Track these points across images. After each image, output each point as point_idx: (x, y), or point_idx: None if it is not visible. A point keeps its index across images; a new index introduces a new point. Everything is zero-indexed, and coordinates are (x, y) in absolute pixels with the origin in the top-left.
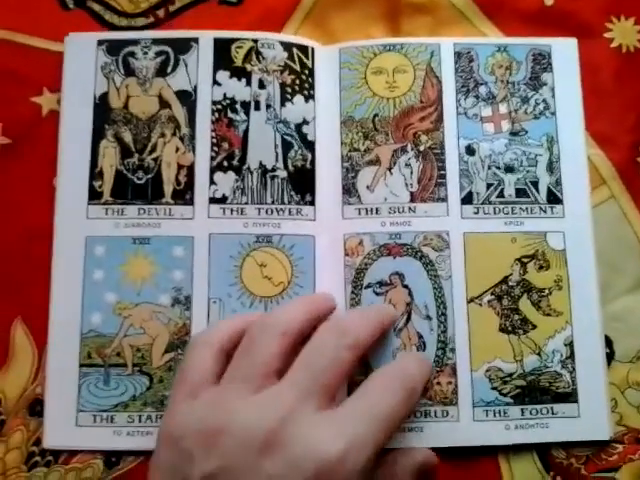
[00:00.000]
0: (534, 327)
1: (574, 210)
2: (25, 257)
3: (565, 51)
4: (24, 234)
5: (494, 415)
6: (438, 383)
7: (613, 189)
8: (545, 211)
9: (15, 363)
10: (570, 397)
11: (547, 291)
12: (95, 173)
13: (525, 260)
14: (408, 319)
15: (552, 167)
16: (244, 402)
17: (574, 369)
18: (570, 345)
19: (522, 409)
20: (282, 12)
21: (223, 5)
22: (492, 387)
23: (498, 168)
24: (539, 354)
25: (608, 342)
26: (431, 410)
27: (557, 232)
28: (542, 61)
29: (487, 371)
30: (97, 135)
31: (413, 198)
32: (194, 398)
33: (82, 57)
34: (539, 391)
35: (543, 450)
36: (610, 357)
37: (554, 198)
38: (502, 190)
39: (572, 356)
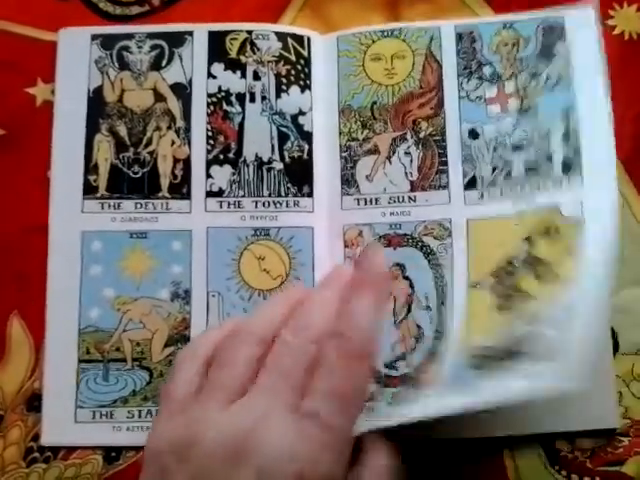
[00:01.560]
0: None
1: (595, 179)
2: (21, 250)
3: (581, 19)
4: (20, 227)
5: None
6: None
7: (617, 180)
8: (561, 183)
9: (12, 358)
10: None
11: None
12: (90, 167)
13: (534, 238)
14: (408, 311)
15: (569, 138)
16: (217, 414)
17: None
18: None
19: None
20: (279, 2)
21: None
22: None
23: (506, 148)
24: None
25: (613, 334)
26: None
27: (573, 203)
28: (553, 34)
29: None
30: (91, 129)
31: (413, 187)
32: (177, 414)
33: (76, 51)
34: None
35: (548, 444)
36: (615, 349)
37: (571, 169)
38: (509, 171)
39: None
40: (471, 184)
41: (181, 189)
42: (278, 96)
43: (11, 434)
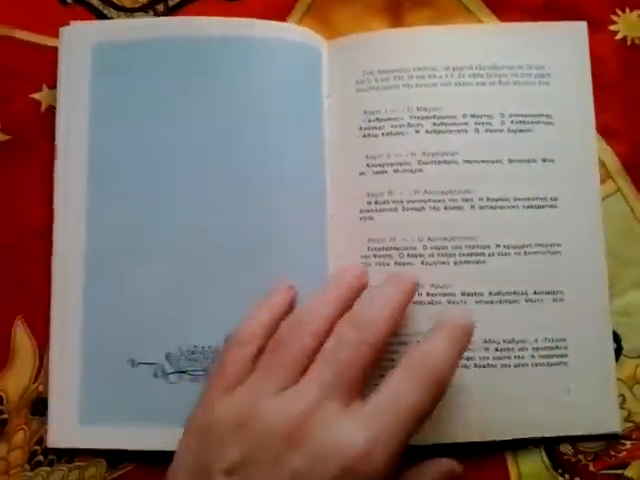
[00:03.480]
0: None
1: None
2: (26, 255)
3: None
4: (24, 232)
5: None
6: None
7: (619, 183)
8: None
9: (17, 362)
10: None
11: None
12: None
13: None
14: None
15: None
16: (272, 397)
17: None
18: None
19: None
20: (283, 6)
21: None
22: None
23: None
24: None
25: (616, 337)
26: None
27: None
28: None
29: None
30: None
31: None
32: (228, 393)
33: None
34: None
35: (551, 447)
36: (618, 352)
37: None
38: None
39: None
40: None
41: None
42: None
43: (16, 437)
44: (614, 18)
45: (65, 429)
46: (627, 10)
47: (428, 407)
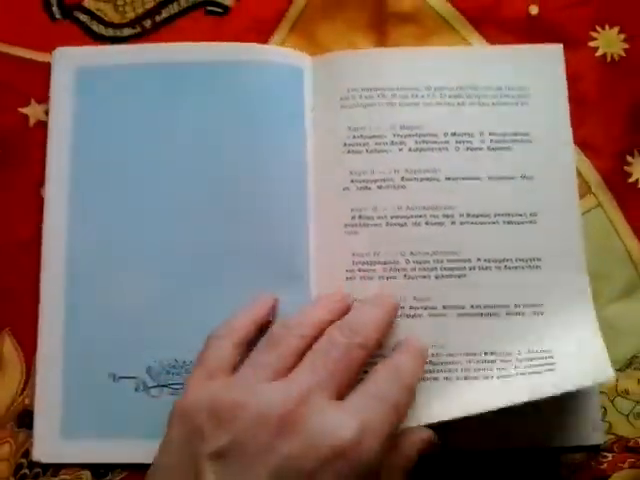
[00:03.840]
0: None
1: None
2: (13, 268)
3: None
4: (12, 244)
5: None
6: None
7: (599, 198)
8: None
9: (3, 375)
10: None
11: None
12: None
13: None
14: None
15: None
16: (265, 385)
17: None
18: None
19: None
20: (269, 22)
21: (210, 15)
22: None
23: None
24: None
25: None
26: None
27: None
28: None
29: None
30: None
31: None
32: (216, 379)
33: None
34: None
35: (533, 460)
36: None
37: None
38: None
39: None
40: None
41: None
42: None
43: (1, 450)
44: (594, 35)
45: (49, 443)
46: (607, 27)
47: (405, 407)
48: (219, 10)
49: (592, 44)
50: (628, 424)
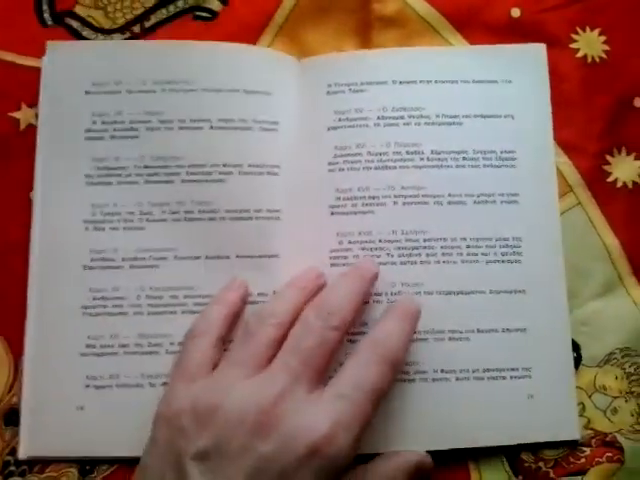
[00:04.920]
0: None
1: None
2: (2, 269)
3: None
4: (2, 246)
5: None
6: None
7: (580, 196)
8: None
9: None
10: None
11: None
12: None
13: None
14: None
15: None
16: (239, 384)
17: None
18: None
19: None
20: (255, 27)
21: (197, 20)
22: None
23: None
24: None
25: (575, 347)
26: None
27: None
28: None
29: None
30: None
31: None
32: (196, 381)
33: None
34: None
35: (512, 455)
36: (577, 361)
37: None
38: None
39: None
40: None
41: None
42: None
43: None
44: (574, 37)
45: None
46: (587, 29)
47: (386, 387)
48: (207, 15)
49: (573, 46)
50: (606, 419)
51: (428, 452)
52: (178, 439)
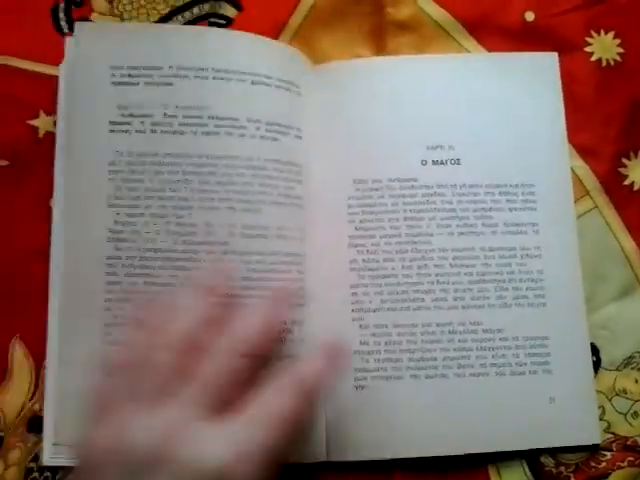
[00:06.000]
0: None
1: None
2: (24, 277)
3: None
4: (23, 254)
5: None
6: None
7: (596, 200)
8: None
9: (14, 380)
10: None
11: None
12: None
13: None
14: None
15: None
16: (137, 421)
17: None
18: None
19: None
20: (270, 33)
21: (213, 27)
22: None
23: None
24: None
25: (594, 350)
26: None
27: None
28: None
29: None
30: None
31: None
32: (104, 419)
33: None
34: None
35: (532, 459)
36: (597, 365)
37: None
38: None
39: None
40: None
41: None
42: None
43: (12, 455)
44: (589, 40)
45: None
46: (602, 32)
47: (297, 418)
48: (222, 22)
49: (587, 49)
50: (626, 423)
51: (448, 456)
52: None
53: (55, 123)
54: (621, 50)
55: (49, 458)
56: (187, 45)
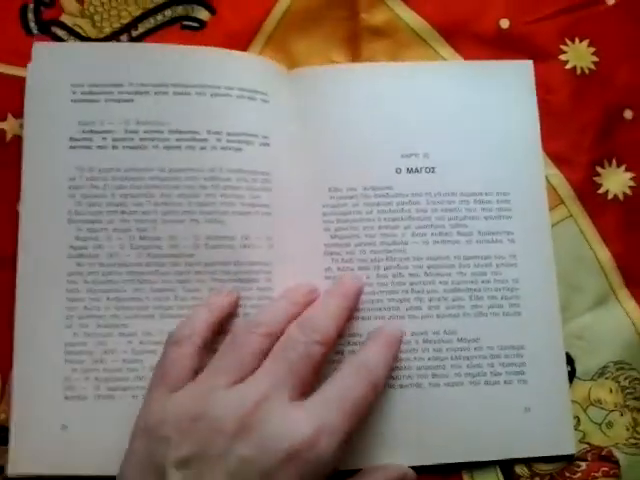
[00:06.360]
0: None
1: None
2: None
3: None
4: None
5: None
6: None
7: (571, 209)
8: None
9: None
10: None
11: None
12: None
13: None
14: None
15: None
16: (221, 392)
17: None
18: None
19: None
20: (244, 36)
21: (185, 30)
22: None
23: None
24: None
25: (569, 360)
26: None
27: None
28: None
29: None
30: None
31: None
32: (179, 390)
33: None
34: None
35: (507, 468)
36: (572, 375)
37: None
38: None
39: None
40: None
41: None
42: None
43: None
44: (564, 48)
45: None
46: (576, 40)
47: (367, 407)
48: (195, 25)
49: (562, 57)
50: (601, 433)
51: (420, 468)
52: (159, 448)
53: (22, 126)
54: (595, 59)
55: (13, 469)
56: (146, 62)
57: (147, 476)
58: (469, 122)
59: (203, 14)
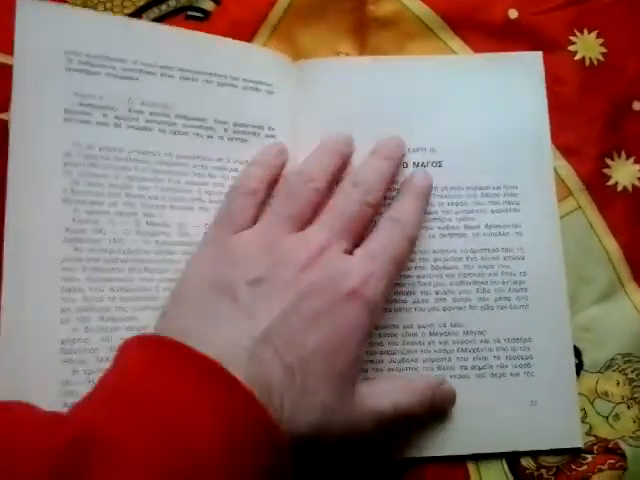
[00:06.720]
0: None
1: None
2: None
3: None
4: None
5: None
6: None
7: (580, 200)
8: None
9: None
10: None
11: None
12: None
13: None
14: None
15: None
16: (287, 235)
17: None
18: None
19: None
20: (249, 27)
21: (190, 20)
22: None
23: None
24: None
25: (577, 352)
26: None
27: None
28: None
29: None
30: None
31: None
32: (236, 233)
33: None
34: None
35: (513, 460)
36: (579, 367)
37: None
38: None
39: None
40: None
41: None
42: None
43: None
44: (572, 39)
45: None
46: (585, 31)
47: (405, 259)
48: (199, 15)
49: (571, 48)
50: (608, 426)
51: (424, 458)
52: (230, 266)
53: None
54: (604, 50)
55: None
56: (151, 41)
57: (214, 293)
58: (477, 116)
59: (208, 4)
